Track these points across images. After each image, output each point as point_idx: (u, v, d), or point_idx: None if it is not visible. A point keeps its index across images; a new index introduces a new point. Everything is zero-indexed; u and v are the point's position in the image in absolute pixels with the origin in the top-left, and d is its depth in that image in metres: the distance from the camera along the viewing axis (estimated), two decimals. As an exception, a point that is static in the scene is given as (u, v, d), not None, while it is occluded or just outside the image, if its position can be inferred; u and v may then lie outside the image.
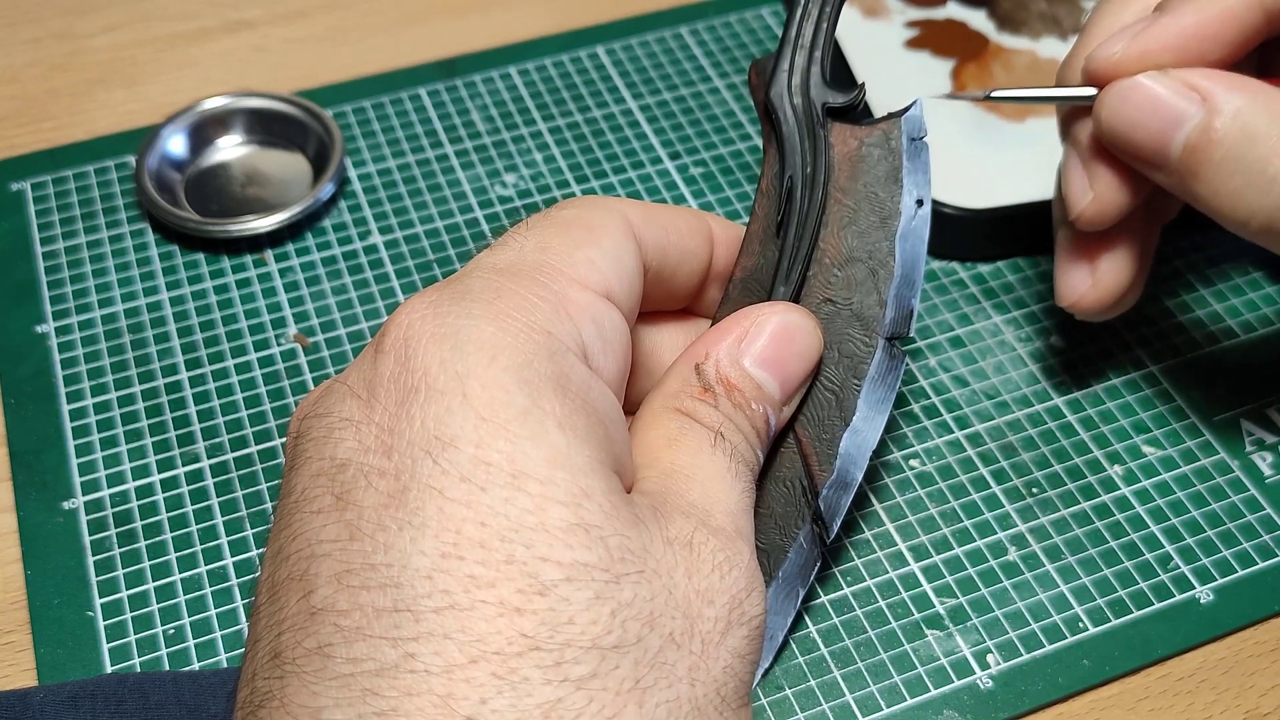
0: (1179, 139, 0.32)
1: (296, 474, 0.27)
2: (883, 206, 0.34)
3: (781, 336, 0.32)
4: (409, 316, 0.27)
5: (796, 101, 0.34)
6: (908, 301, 0.34)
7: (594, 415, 0.27)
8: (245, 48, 0.53)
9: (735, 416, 0.30)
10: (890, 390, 0.33)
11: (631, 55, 0.52)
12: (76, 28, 0.53)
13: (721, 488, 0.29)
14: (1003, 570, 0.36)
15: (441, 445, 0.25)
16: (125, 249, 0.45)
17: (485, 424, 0.25)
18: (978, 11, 0.50)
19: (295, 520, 0.26)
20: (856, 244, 0.34)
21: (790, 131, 0.34)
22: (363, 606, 0.24)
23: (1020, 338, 0.42)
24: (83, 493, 0.38)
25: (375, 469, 0.25)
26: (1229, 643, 0.35)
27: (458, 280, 0.28)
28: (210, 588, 0.36)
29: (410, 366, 0.26)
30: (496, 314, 0.27)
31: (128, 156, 0.48)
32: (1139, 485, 0.38)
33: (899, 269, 0.34)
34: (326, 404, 0.27)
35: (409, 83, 0.51)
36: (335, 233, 0.45)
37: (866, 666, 0.34)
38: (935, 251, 0.44)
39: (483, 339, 0.26)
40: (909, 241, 0.34)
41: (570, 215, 0.30)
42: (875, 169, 0.34)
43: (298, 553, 0.25)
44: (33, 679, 0.34)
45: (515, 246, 0.29)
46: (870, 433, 0.33)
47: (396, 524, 0.24)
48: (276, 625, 0.25)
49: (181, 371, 0.41)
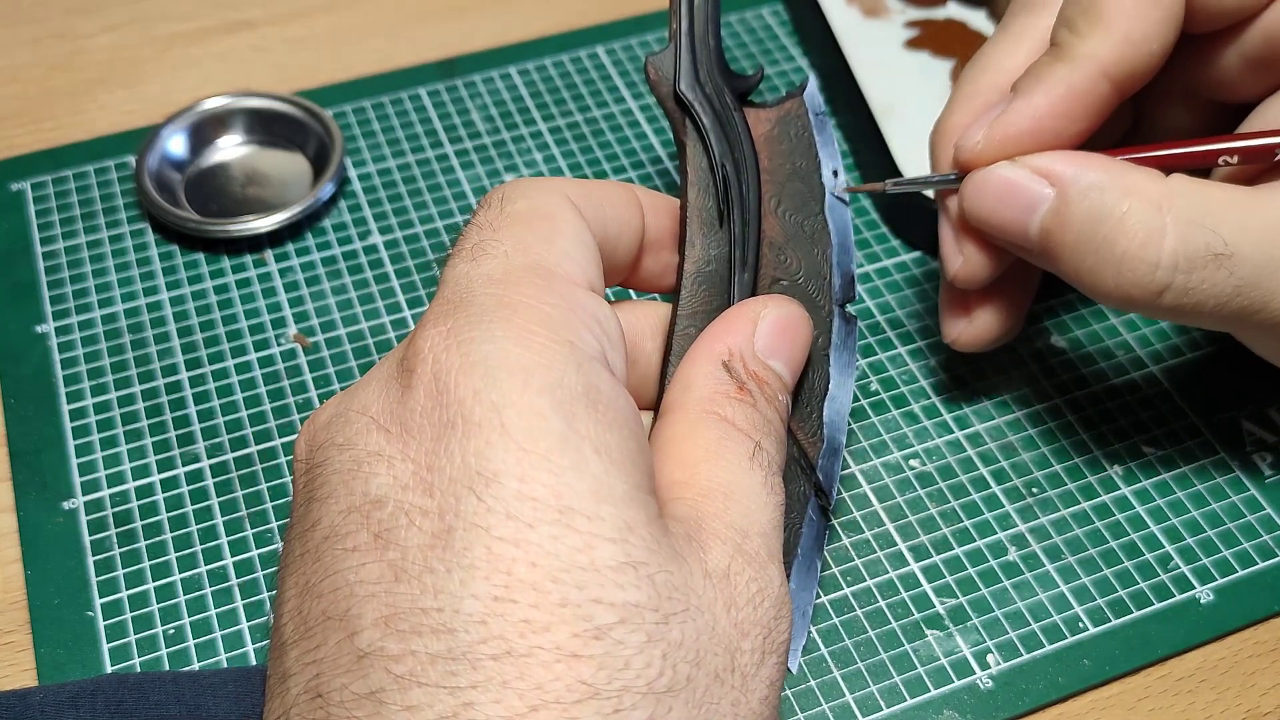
0: (1035, 223, 0.32)
1: (322, 506, 0.26)
2: (807, 182, 0.35)
3: (783, 326, 0.31)
4: (432, 348, 0.26)
5: (708, 91, 0.35)
6: (848, 267, 0.35)
7: (625, 429, 0.26)
8: (245, 48, 0.53)
9: (769, 414, 0.30)
10: (853, 354, 0.34)
11: (631, 55, 0.52)
12: (76, 28, 0.53)
13: (759, 506, 0.28)
14: (1003, 570, 0.36)
15: (485, 481, 0.24)
16: (125, 249, 0.45)
17: (527, 455, 0.24)
18: (978, 11, 0.50)
19: (327, 556, 0.25)
20: (792, 222, 0.35)
21: (712, 121, 0.35)
22: (415, 652, 0.23)
23: (1020, 338, 0.42)
24: (83, 493, 0.38)
25: (417, 507, 0.24)
26: (1229, 643, 0.35)
27: (462, 300, 0.27)
28: (210, 588, 0.36)
29: (444, 401, 0.25)
30: (518, 332, 0.26)
31: (128, 156, 0.48)
32: (1139, 485, 0.38)
33: (835, 238, 0.35)
34: (348, 435, 0.26)
35: (409, 83, 0.51)
36: (335, 233, 0.45)
37: (866, 666, 0.34)
38: (935, 251, 0.44)
39: (513, 363, 0.25)
40: (836, 211, 0.35)
41: (525, 208, 0.30)
42: (791, 147, 0.35)
43: (334, 591, 0.25)
44: (33, 679, 0.34)
45: (498, 254, 0.28)
46: (844, 397, 0.34)
47: (445, 566, 0.24)
48: (314, 664, 0.24)
49: (181, 371, 0.41)
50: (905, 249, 0.45)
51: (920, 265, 0.44)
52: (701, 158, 0.35)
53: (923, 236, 0.44)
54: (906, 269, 0.44)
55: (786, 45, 0.52)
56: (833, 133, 0.36)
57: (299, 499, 0.27)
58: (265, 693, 0.26)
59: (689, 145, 0.35)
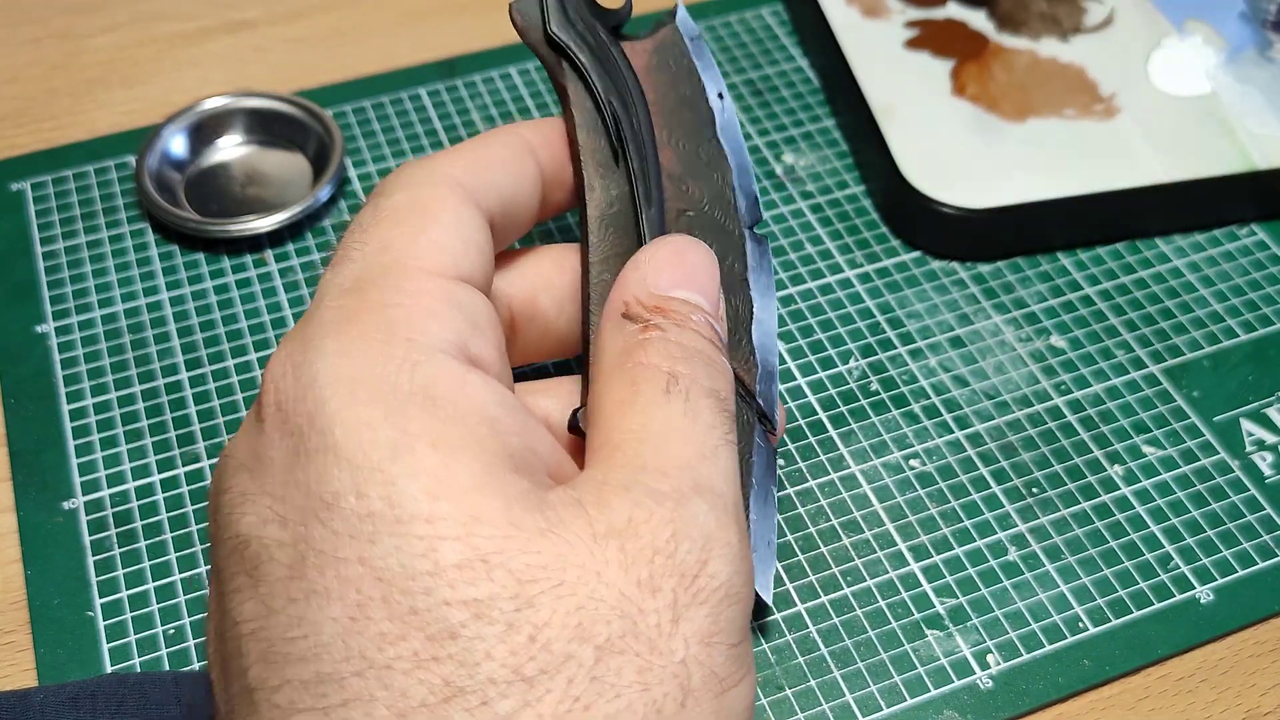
0: None
1: (214, 553, 0.27)
2: (694, 109, 0.35)
3: (673, 257, 0.30)
4: (274, 376, 0.26)
5: (579, 29, 0.34)
6: (750, 188, 0.34)
7: (474, 416, 0.26)
8: (245, 48, 0.53)
9: (685, 338, 0.29)
10: (770, 275, 0.34)
11: (631, 55, 0.52)
12: (76, 28, 0.53)
13: (678, 439, 0.27)
14: (1003, 570, 0.36)
15: (325, 505, 0.24)
16: (125, 249, 0.45)
17: (359, 471, 0.24)
18: (978, 11, 0.50)
19: (222, 599, 0.26)
20: (687, 151, 0.34)
21: (590, 59, 0.34)
22: (290, 681, 0.24)
23: (1020, 338, 0.42)
24: (83, 493, 0.38)
25: (275, 541, 0.25)
26: (1229, 643, 0.35)
27: (309, 317, 0.27)
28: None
29: (287, 429, 0.25)
30: (348, 345, 0.26)
31: (128, 156, 0.48)
32: (1139, 485, 0.38)
33: (733, 161, 0.34)
34: (224, 478, 0.27)
35: (409, 83, 0.51)
36: (335, 233, 0.45)
37: (866, 666, 0.34)
38: (935, 251, 0.44)
39: (339, 377, 0.25)
40: (729, 133, 0.35)
41: (400, 201, 0.29)
42: (673, 76, 0.35)
43: (229, 631, 0.25)
44: (33, 679, 0.34)
45: (357, 257, 0.28)
46: (769, 319, 0.34)
47: (303, 594, 0.24)
48: (227, 703, 0.25)
49: (181, 371, 0.41)
50: (905, 249, 0.45)
51: (920, 265, 0.44)
52: (585, 98, 0.34)
53: (923, 236, 0.44)
54: (906, 269, 0.44)
55: (786, 45, 0.52)
56: (711, 56, 0.35)
57: None
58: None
59: (569, 87, 0.34)
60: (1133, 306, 0.43)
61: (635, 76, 0.34)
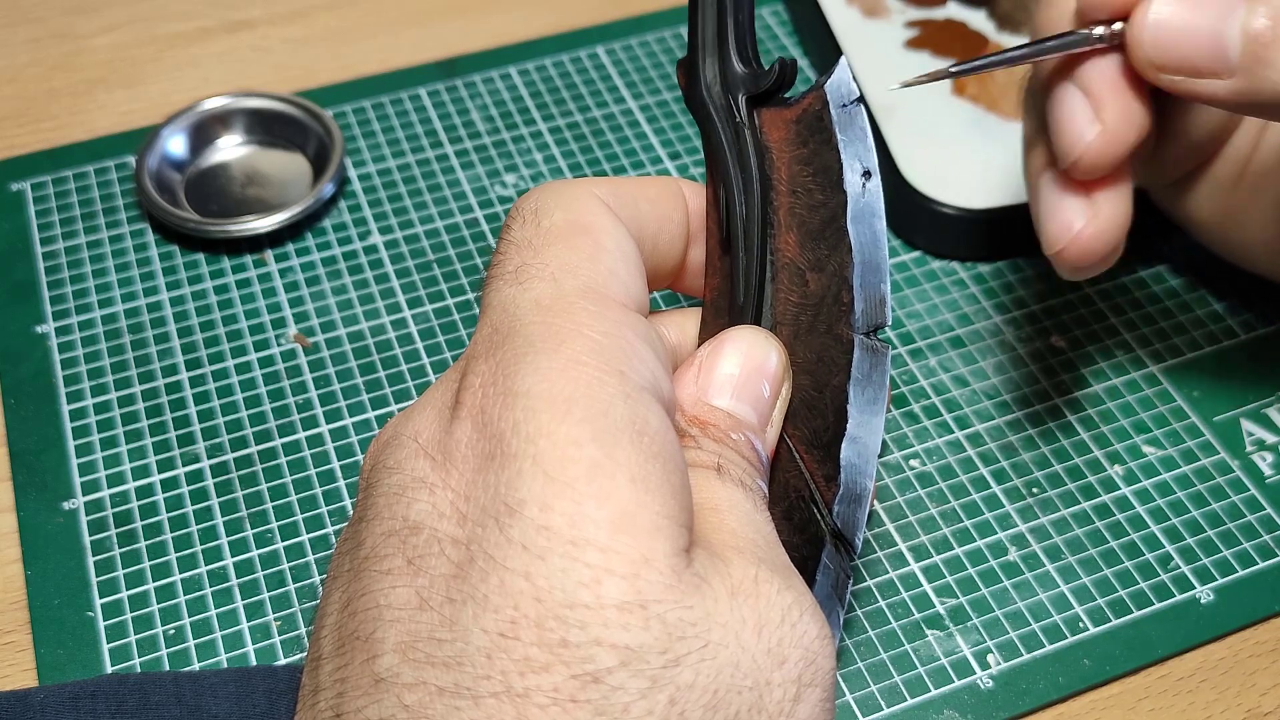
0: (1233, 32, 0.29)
1: (367, 528, 0.26)
2: (826, 190, 0.30)
3: (735, 358, 0.30)
4: (482, 383, 0.26)
5: (719, 100, 0.32)
6: (876, 287, 0.30)
7: (670, 463, 0.25)
8: (245, 48, 0.53)
9: (717, 449, 0.29)
10: (880, 389, 0.30)
11: (631, 55, 0.52)
12: (76, 28, 0.53)
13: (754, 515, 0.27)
14: (1003, 570, 0.36)
15: (509, 511, 0.24)
16: (125, 249, 0.45)
17: (552, 484, 0.24)
18: (978, 11, 0.50)
19: (365, 576, 0.25)
20: (809, 238, 0.31)
21: (718, 136, 0.31)
22: (426, 683, 0.23)
23: (1020, 338, 0.42)
24: (83, 493, 0.38)
25: (449, 536, 0.24)
26: (1229, 643, 0.35)
27: (511, 331, 0.27)
28: (210, 588, 0.36)
29: (487, 433, 0.25)
30: (565, 363, 0.25)
31: (128, 156, 0.48)
32: (1139, 485, 0.38)
33: (857, 255, 0.30)
34: (398, 458, 0.26)
35: (409, 83, 0.51)
36: (335, 233, 0.45)
37: (866, 666, 0.34)
38: (935, 251, 0.44)
39: (555, 394, 0.25)
40: (862, 222, 0.30)
41: (562, 221, 0.29)
42: (810, 149, 0.31)
43: (366, 611, 0.25)
44: (33, 679, 0.34)
45: (543, 275, 0.28)
46: (869, 437, 0.30)
47: (461, 596, 0.24)
48: (340, 682, 0.25)
49: (181, 371, 0.41)
50: (905, 249, 0.45)
51: (920, 265, 0.44)
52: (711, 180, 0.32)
53: (923, 236, 0.44)
54: (906, 269, 0.44)
55: (787, 45, 0.52)
56: (865, 125, 0.30)
57: (354, 515, 0.28)
58: (298, 699, 0.27)
59: (707, 156, 0.32)
60: (1132, 306, 0.43)
61: (762, 157, 0.31)
